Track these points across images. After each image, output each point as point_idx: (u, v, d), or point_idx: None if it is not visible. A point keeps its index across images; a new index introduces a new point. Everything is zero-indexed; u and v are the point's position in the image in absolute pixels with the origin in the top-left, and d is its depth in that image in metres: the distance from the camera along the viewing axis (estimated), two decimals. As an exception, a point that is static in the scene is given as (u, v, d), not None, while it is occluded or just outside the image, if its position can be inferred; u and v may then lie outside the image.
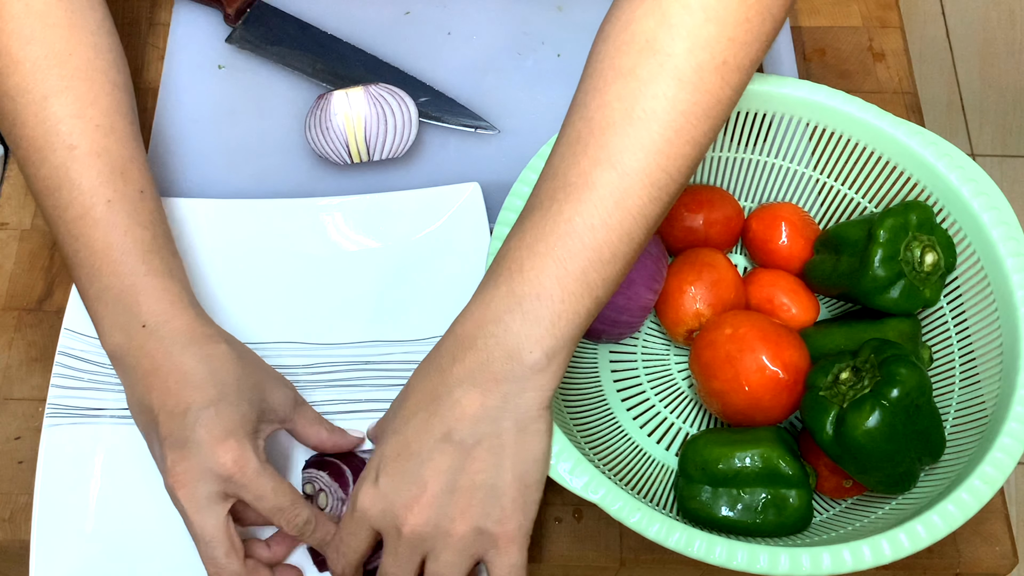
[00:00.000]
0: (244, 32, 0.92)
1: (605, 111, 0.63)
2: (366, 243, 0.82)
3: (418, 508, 0.62)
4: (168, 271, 0.71)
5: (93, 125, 0.71)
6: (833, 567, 0.61)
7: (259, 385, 0.70)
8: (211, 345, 0.69)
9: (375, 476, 0.63)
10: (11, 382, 0.79)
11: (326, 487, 0.72)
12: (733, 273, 0.78)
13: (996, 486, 0.64)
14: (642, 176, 0.62)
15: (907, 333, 0.74)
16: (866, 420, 0.65)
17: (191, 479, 0.65)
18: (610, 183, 0.62)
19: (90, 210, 0.70)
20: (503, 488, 0.62)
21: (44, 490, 0.72)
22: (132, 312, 0.68)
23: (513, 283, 0.62)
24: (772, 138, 0.79)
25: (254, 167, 0.87)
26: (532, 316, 0.61)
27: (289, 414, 0.71)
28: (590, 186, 0.62)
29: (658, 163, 0.62)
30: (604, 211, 0.62)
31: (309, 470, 0.73)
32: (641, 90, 0.62)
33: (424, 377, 0.64)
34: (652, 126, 0.62)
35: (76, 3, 0.74)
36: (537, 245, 0.62)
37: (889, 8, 0.97)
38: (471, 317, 0.63)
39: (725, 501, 0.69)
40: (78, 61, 0.72)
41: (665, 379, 0.79)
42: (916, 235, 0.73)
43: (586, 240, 0.62)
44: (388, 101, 0.84)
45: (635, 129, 0.62)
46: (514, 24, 0.94)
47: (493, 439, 0.62)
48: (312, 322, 0.80)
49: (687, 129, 0.62)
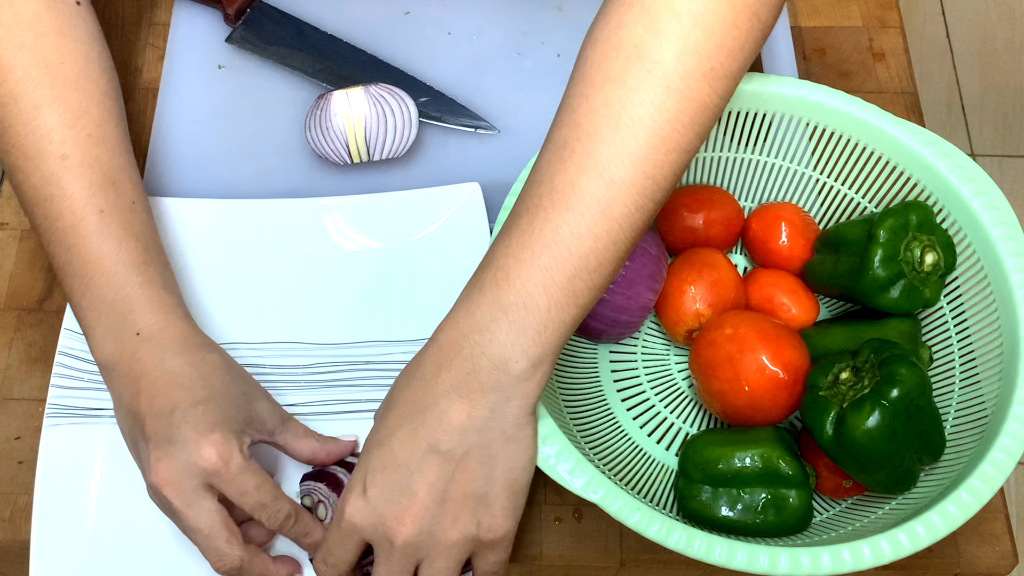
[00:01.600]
0: (244, 32, 0.92)
1: (592, 117, 0.62)
2: (366, 243, 0.82)
3: (410, 519, 0.62)
4: (163, 282, 0.71)
5: (85, 135, 0.71)
6: (833, 567, 0.61)
7: (247, 395, 0.70)
8: (202, 353, 0.69)
9: (362, 488, 0.63)
10: (11, 382, 0.79)
11: (324, 498, 0.72)
12: (733, 273, 0.78)
13: (996, 486, 0.64)
14: (628, 184, 0.62)
15: (907, 333, 0.74)
16: (866, 420, 0.65)
17: (176, 475, 0.65)
18: (597, 191, 0.62)
19: (83, 220, 0.69)
20: (493, 496, 0.63)
21: (44, 490, 0.72)
22: (127, 322, 0.68)
23: (499, 291, 0.62)
24: (772, 138, 0.79)
25: (254, 167, 0.87)
26: (518, 326, 0.61)
27: (276, 427, 0.71)
28: (577, 194, 0.62)
29: (644, 171, 0.62)
30: (590, 219, 0.62)
31: (307, 482, 0.73)
32: (628, 97, 0.62)
33: (407, 387, 0.64)
34: (639, 134, 0.62)
35: (66, 11, 0.73)
36: (523, 253, 0.62)
37: (889, 8, 0.97)
38: (455, 325, 0.63)
39: (725, 501, 0.69)
40: (69, 70, 0.72)
41: (665, 379, 0.79)
42: (916, 235, 0.73)
43: (572, 248, 0.62)
44: (388, 101, 0.84)
45: (622, 136, 0.62)
46: (514, 24, 0.94)
47: (482, 449, 0.62)
48: (312, 322, 0.79)
49: (674, 137, 0.62)
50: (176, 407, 0.66)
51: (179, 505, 0.65)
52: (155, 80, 0.92)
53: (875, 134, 0.76)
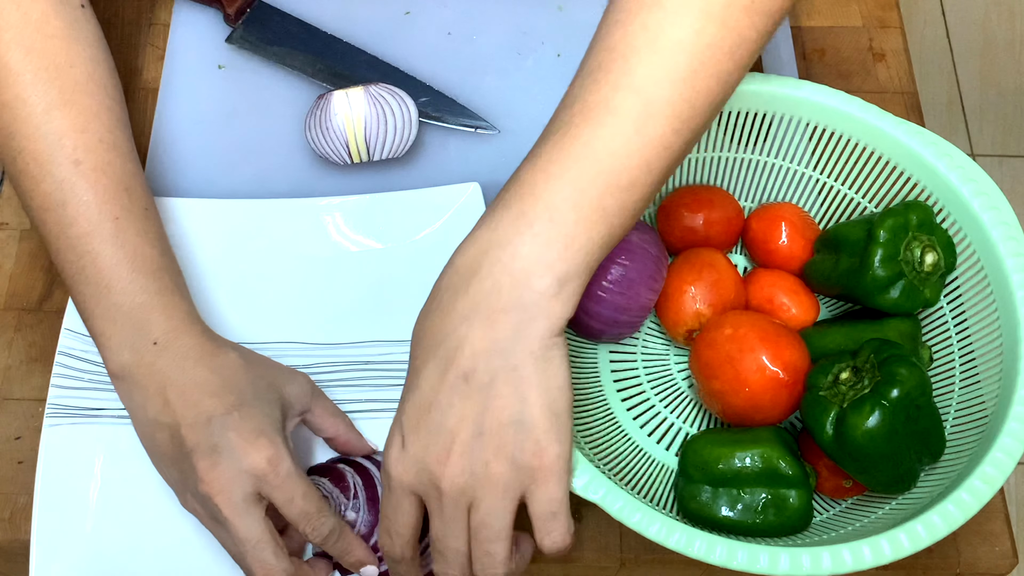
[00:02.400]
0: (244, 32, 0.92)
1: (629, 40, 0.60)
2: (366, 243, 0.82)
3: (451, 460, 0.59)
4: (177, 288, 0.70)
5: (96, 139, 0.70)
6: (833, 567, 0.61)
7: (273, 384, 0.69)
8: (221, 356, 0.68)
9: (401, 441, 0.61)
10: (11, 382, 0.79)
11: (328, 493, 0.72)
12: (733, 273, 0.78)
13: (996, 486, 0.64)
14: (665, 105, 0.60)
15: (907, 333, 0.74)
16: (866, 420, 0.65)
17: (227, 483, 0.64)
18: (632, 109, 0.59)
19: (98, 227, 0.68)
20: (533, 420, 0.59)
21: (44, 490, 0.72)
22: (143, 330, 0.67)
23: (524, 205, 0.59)
24: (772, 138, 0.79)
25: (254, 167, 0.87)
26: (543, 239, 0.58)
27: (308, 404, 0.70)
28: (611, 111, 0.59)
29: (682, 94, 0.60)
30: (624, 136, 0.59)
31: (311, 476, 0.73)
32: (667, 19, 0.60)
33: (426, 321, 0.62)
34: (678, 56, 0.60)
35: (72, 14, 0.72)
36: (551, 167, 0.59)
37: (889, 8, 0.97)
38: (474, 243, 0.60)
39: (725, 501, 0.69)
40: (79, 74, 0.71)
41: (665, 379, 0.79)
42: (916, 235, 0.73)
43: (604, 164, 0.59)
44: (388, 101, 0.84)
45: (660, 57, 0.60)
46: (514, 24, 0.94)
47: (510, 373, 0.59)
48: (312, 322, 0.80)
49: (713, 63, 0.60)
50: (212, 417, 0.65)
51: (228, 514, 0.64)
52: (155, 80, 0.92)
53: (875, 134, 0.76)
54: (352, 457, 0.74)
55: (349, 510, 0.71)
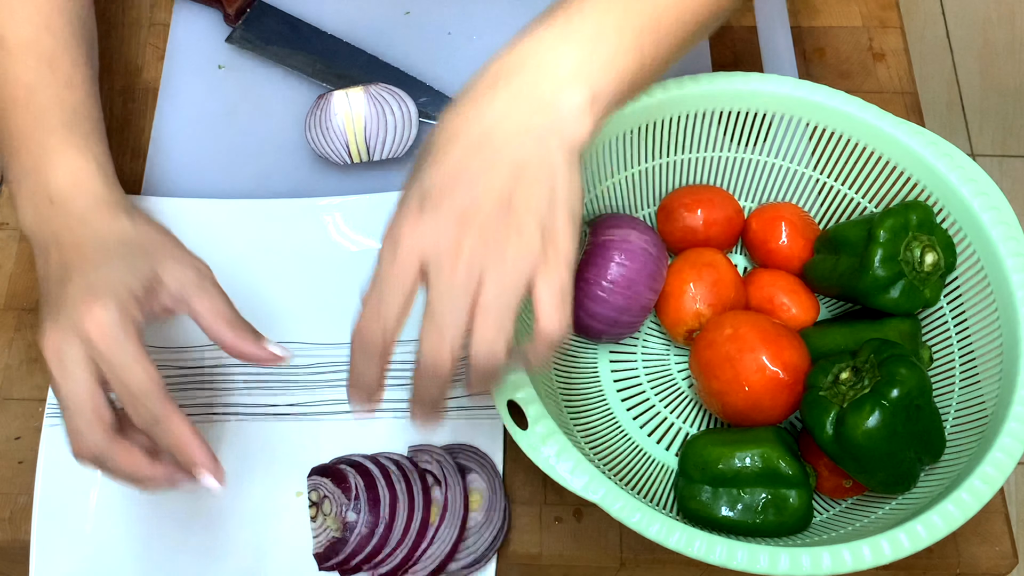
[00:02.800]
0: (244, 32, 0.92)
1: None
2: (366, 243, 0.82)
3: (475, 224, 0.58)
4: (84, 146, 0.70)
5: (24, 19, 0.72)
6: (833, 567, 0.61)
7: (152, 256, 0.66)
8: (110, 219, 0.68)
9: (418, 207, 0.59)
10: (11, 382, 0.79)
11: (329, 494, 0.72)
12: (733, 273, 0.78)
13: (996, 486, 0.64)
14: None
15: (907, 333, 0.74)
16: (866, 420, 0.65)
17: (57, 341, 0.61)
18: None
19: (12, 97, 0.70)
20: (555, 216, 0.58)
21: (44, 490, 0.72)
22: (40, 188, 0.68)
23: (570, 21, 0.61)
24: (772, 138, 0.79)
25: (254, 167, 0.87)
26: (587, 53, 0.60)
27: (186, 294, 0.65)
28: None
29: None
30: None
31: (313, 477, 0.73)
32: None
33: (455, 114, 0.61)
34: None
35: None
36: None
37: (889, 8, 0.97)
38: (518, 46, 0.62)
39: (725, 501, 0.69)
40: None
41: (665, 379, 0.79)
42: (916, 235, 0.73)
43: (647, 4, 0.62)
44: (388, 101, 0.84)
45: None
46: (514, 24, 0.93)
47: (543, 159, 0.59)
48: (313, 322, 0.79)
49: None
50: (71, 277, 0.64)
51: (56, 374, 0.61)
52: (155, 80, 0.92)
53: (875, 134, 0.76)
54: (352, 457, 0.74)
55: (350, 511, 0.71)
